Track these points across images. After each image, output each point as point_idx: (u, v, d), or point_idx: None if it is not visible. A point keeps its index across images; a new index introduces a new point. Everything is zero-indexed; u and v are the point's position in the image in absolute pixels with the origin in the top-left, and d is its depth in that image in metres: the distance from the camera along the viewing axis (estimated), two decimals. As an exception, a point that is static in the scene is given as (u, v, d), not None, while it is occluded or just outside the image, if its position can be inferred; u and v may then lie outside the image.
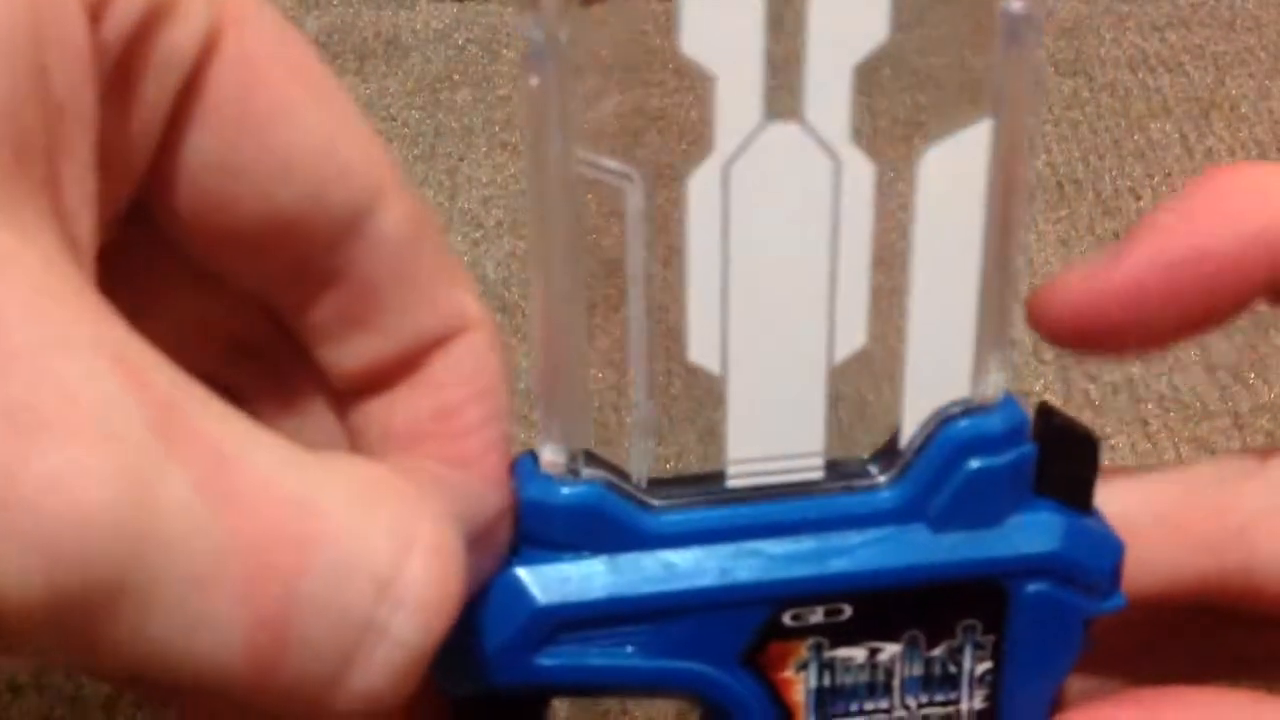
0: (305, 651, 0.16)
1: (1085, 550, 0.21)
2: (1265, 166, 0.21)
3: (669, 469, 0.21)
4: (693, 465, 0.21)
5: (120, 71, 0.17)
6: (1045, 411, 0.21)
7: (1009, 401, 0.20)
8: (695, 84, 0.17)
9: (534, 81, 0.17)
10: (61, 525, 0.14)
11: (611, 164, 0.18)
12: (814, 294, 0.19)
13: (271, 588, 0.15)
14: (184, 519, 0.14)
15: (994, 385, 0.20)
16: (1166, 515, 0.22)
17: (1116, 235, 0.41)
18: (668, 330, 0.19)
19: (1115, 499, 0.22)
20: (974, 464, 0.20)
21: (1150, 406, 0.36)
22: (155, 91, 0.17)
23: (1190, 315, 0.21)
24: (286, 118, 0.18)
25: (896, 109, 0.18)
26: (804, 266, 0.18)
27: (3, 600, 0.14)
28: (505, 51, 0.48)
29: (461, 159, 0.44)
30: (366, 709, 0.16)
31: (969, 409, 0.20)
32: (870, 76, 0.17)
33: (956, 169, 0.18)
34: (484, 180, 0.43)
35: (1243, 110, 0.46)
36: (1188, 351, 0.38)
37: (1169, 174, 0.43)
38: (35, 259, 0.15)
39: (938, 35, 0.17)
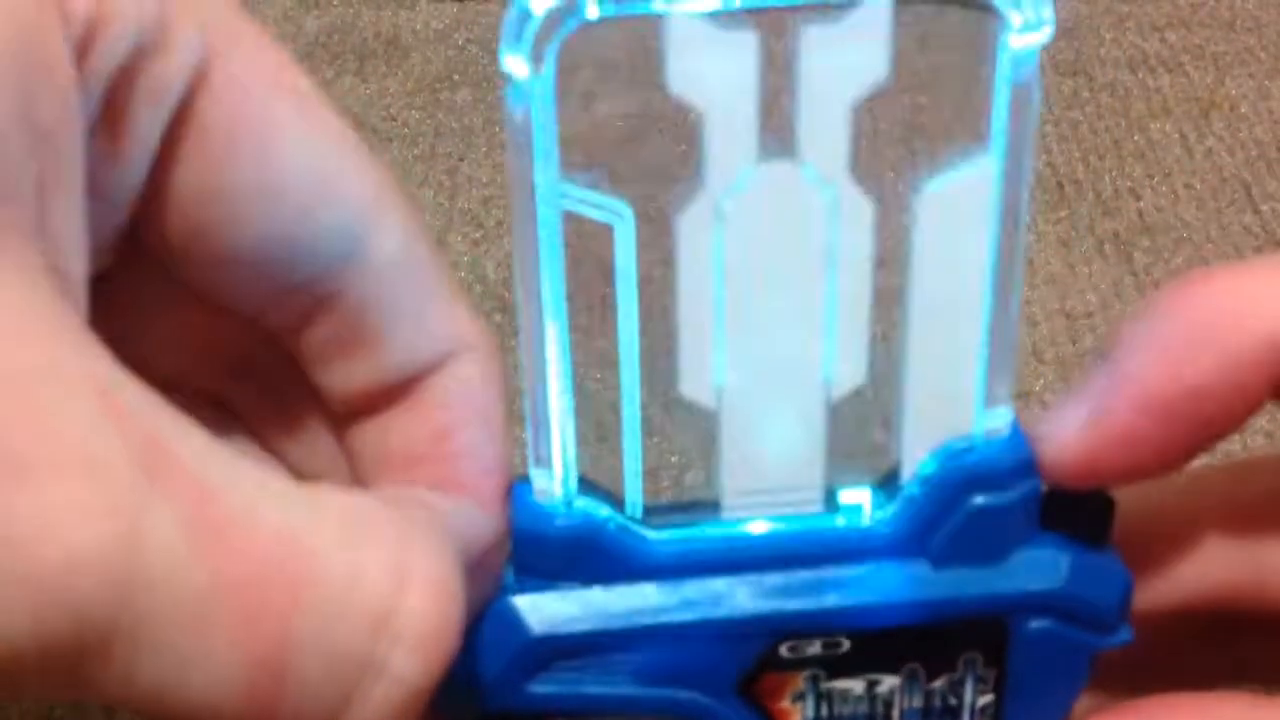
0: (303, 691, 0.15)
1: (1090, 587, 0.20)
2: (1220, 278, 0.19)
3: (667, 485, 0.20)
4: (694, 485, 0.20)
5: (110, 103, 0.17)
6: None
7: (1016, 435, 0.20)
8: (685, 118, 0.16)
9: (518, 115, 0.16)
10: (48, 568, 0.14)
11: (600, 199, 0.17)
12: (811, 332, 0.18)
13: (264, 627, 0.15)
14: (171, 557, 0.14)
15: (1000, 419, 0.20)
16: (1176, 526, 0.22)
17: (1117, 235, 0.41)
18: (661, 358, 0.19)
19: (1120, 514, 0.21)
20: (978, 500, 0.20)
21: None
22: (145, 122, 0.17)
23: (1192, 448, 0.20)
24: (276, 143, 0.18)
25: (896, 144, 0.18)
26: (800, 304, 0.18)
27: None
28: None
29: (461, 159, 0.44)
30: None
31: (974, 443, 0.20)
32: (869, 112, 0.16)
33: (958, 204, 0.18)
34: (484, 180, 0.43)
35: (1242, 110, 0.46)
36: None
37: (1169, 174, 0.43)
38: (19, 292, 0.14)
39: (939, 72, 0.16)
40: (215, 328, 0.20)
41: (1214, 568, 0.22)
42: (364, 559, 0.16)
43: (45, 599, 0.14)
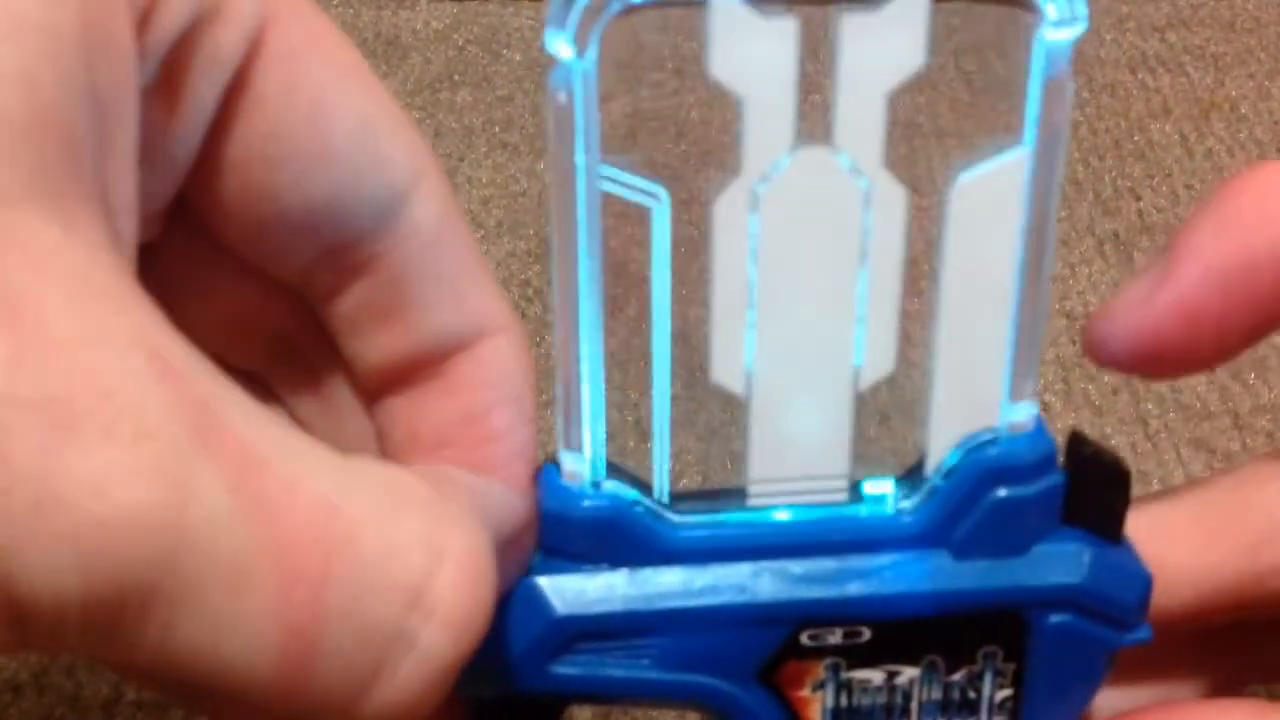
0: (334, 660, 0.16)
1: (1111, 583, 0.21)
2: None
3: (693, 473, 0.20)
4: (719, 473, 0.21)
5: (168, 71, 0.17)
6: (1076, 440, 0.21)
7: (1039, 429, 0.20)
8: (724, 103, 0.16)
9: (561, 97, 0.17)
10: (97, 526, 0.14)
11: (638, 181, 0.17)
12: (842, 319, 0.18)
13: (299, 593, 0.15)
14: (217, 521, 0.14)
15: (1025, 412, 0.20)
16: (1190, 530, 0.22)
17: (1116, 235, 0.41)
18: (690, 345, 0.19)
19: (1139, 517, 0.21)
20: (1001, 493, 0.20)
21: (1150, 407, 0.36)
22: (202, 89, 0.17)
23: (1249, 327, 0.20)
24: (327, 109, 0.18)
25: (931, 135, 0.18)
26: (833, 291, 0.18)
27: (35, 600, 0.14)
28: (505, 52, 0.48)
29: (461, 159, 0.44)
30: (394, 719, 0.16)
31: (998, 436, 0.20)
32: (904, 101, 0.16)
33: (991, 196, 0.18)
34: (484, 180, 0.43)
35: (1242, 111, 0.46)
36: None
37: (1169, 174, 0.43)
38: (79, 253, 0.15)
39: (974, 62, 0.16)
40: (254, 304, 0.21)
41: (1222, 572, 0.22)
42: (400, 532, 0.16)
43: (91, 554, 0.14)
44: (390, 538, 0.16)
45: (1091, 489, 0.20)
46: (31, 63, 0.15)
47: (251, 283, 0.20)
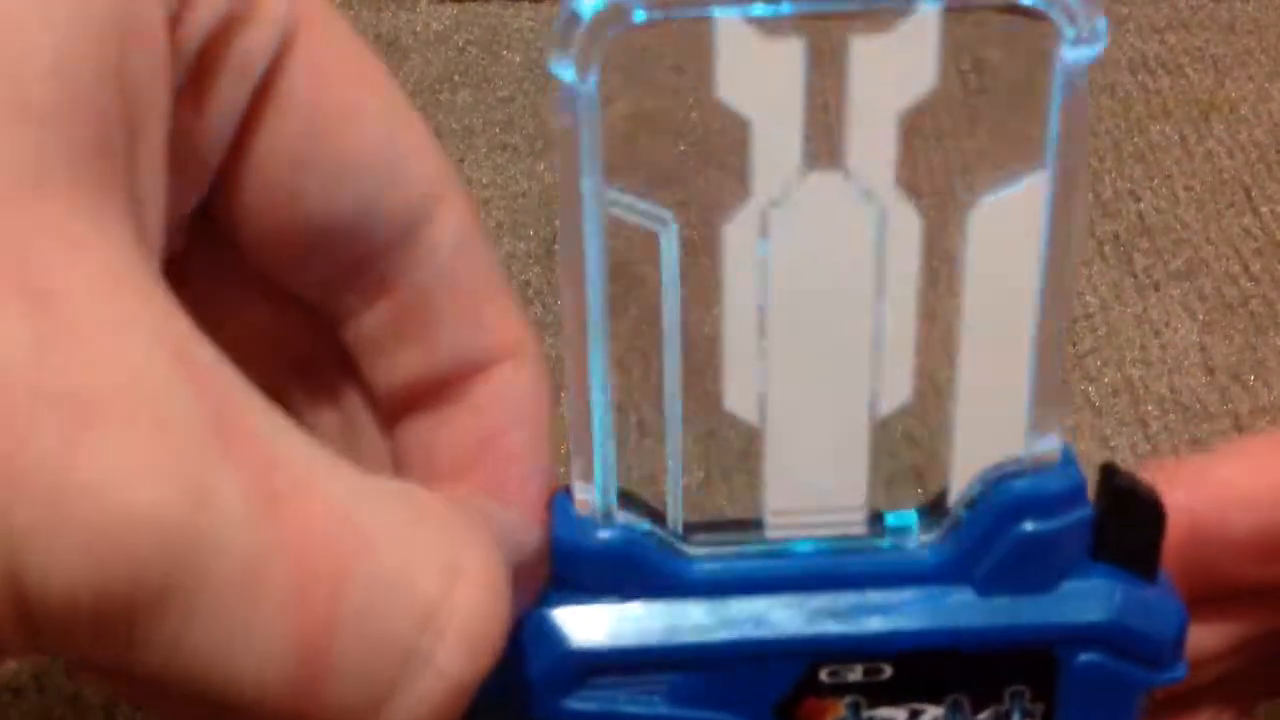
0: (346, 675, 0.15)
1: (1143, 620, 0.20)
2: None
3: (708, 501, 0.20)
4: (734, 500, 0.20)
5: (198, 72, 0.17)
6: (1108, 472, 0.20)
7: (1068, 461, 0.19)
8: (732, 126, 0.16)
9: (566, 121, 0.16)
10: (112, 523, 0.13)
11: (646, 205, 0.17)
12: (857, 346, 0.18)
13: (313, 604, 0.15)
14: (234, 523, 0.14)
15: (1051, 443, 0.19)
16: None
17: (1116, 237, 0.41)
18: (704, 372, 0.19)
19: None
20: (1027, 527, 0.19)
21: (1150, 408, 0.36)
22: (231, 92, 0.17)
23: None
24: (353, 119, 0.18)
25: (947, 158, 0.17)
26: (847, 318, 0.18)
27: (46, 598, 0.14)
28: (505, 53, 0.48)
29: (461, 160, 0.44)
30: None
31: (1024, 468, 0.19)
32: (919, 124, 0.16)
33: (1011, 221, 0.17)
34: (484, 181, 0.43)
35: (1242, 112, 0.45)
36: (1187, 353, 0.37)
37: (1168, 176, 0.42)
38: (107, 244, 0.15)
39: (989, 83, 0.16)
40: (273, 321, 0.21)
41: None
42: (417, 549, 0.16)
43: (105, 551, 0.13)
44: (406, 552, 0.16)
45: (1124, 523, 0.20)
46: (64, 53, 0.15)
47: (271, 299, 0.20)
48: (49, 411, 0.13)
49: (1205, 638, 0.22)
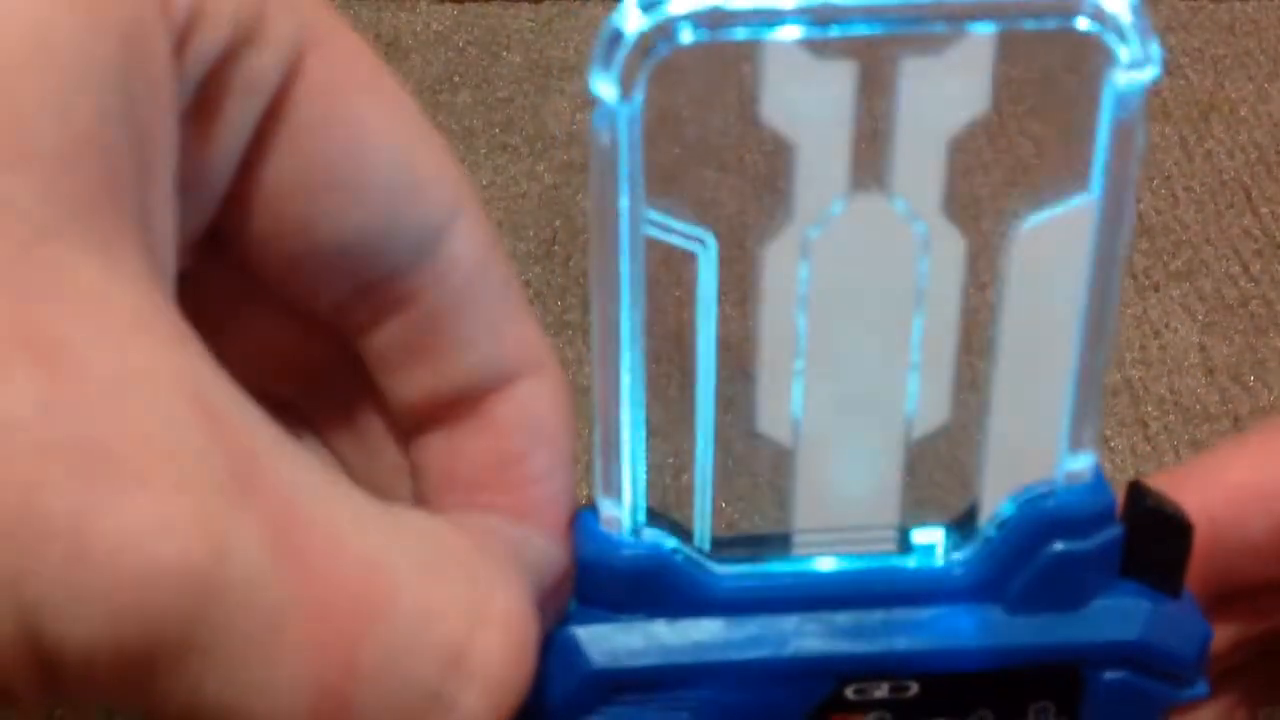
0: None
1: (1169, 639, 0.20)
2: None
3: (737, 517, 0.20)
4: (762, 514, 0.20)
5: (204, 97, 0.17)
6: (1136, 492, 0.20)
7: (1098, 480, 0.19)
8: (774, 148, 0.16)
9: (604, 139, 0.16)
10: (130, 580, 0.13)
11: (684, 227, 0.17)
12: (895, 368, 0.18)
13: (333, 654, 0.15)
14: (253, 577, 0.14)
15: (1083, 464, 0.19)
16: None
17: None
18: (734, 391, 0.18)
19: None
20: (1058, 547, 0.19)
21: (1150, 409, 0.36)
22: (238, 116, 0.17)
23: None
24: (365, 139, 0.18)
25: (992, 177, 0.17)
26: (885, 340, 0.18)
27: (64, 651, 0.13)
28: (505, 53, 0.48)
29: (461, 160, 0.44)
30: None
31: (1055, 487, 0.19)
32: (966, 144, 0.16)
33: (1056, 244, 0.17)
34: (484, 182, 0.43)
35: (1242, 113, 0.46)
36: (1187, 354, 0.37)
37: (1168, 177, 0.42)
38: (120, 288, 0.14)
39: (1039, 107, 0.16)
40: (289, 335, 0.20)
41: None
42: (440, 593, 0.16)
43: (122, 607, 0.13)
44: (430, 598, 0.15)
45: (1152, 542, 0.20)
46: (70, 93, 0.14)
47: (286, 315, 0.20)
48: (63, 469, 0.13)
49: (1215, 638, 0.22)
